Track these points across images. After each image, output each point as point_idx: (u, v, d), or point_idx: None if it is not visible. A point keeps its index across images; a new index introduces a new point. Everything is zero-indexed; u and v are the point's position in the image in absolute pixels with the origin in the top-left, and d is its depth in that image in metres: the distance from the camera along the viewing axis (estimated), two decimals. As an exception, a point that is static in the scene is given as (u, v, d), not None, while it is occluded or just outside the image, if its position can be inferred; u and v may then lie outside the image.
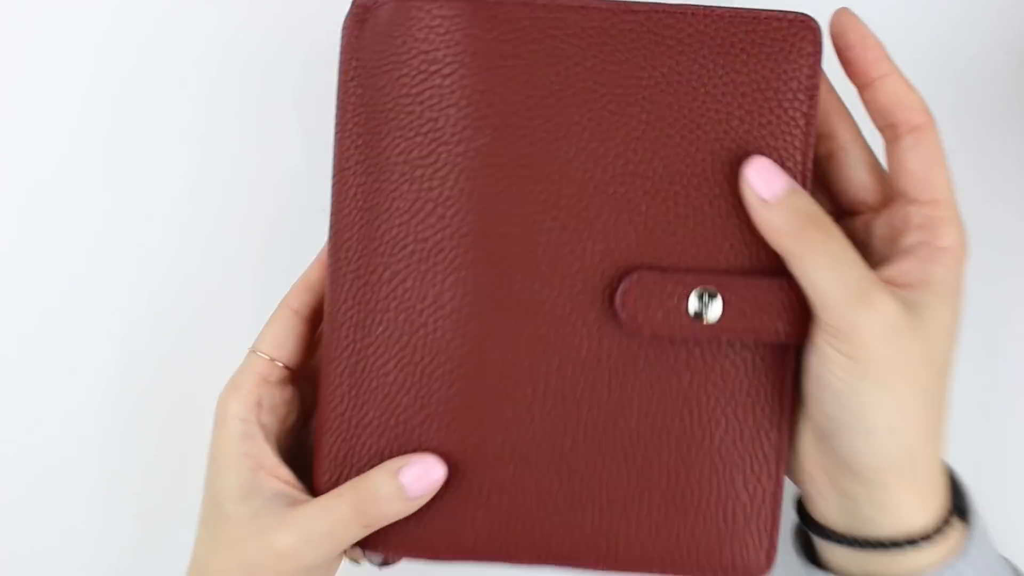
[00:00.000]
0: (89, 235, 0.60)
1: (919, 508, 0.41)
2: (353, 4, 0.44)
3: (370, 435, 0.44)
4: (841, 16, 0.42)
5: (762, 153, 0.43)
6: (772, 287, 0.42)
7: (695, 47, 0.43)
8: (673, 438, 0.44)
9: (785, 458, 0.44)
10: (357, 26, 0.44)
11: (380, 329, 0.44)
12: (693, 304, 0.42)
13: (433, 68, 0.43)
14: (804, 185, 0.43)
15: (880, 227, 0.44)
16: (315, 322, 0.47)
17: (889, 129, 0.43)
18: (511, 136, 0.43)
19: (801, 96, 0.43)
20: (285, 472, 0.45)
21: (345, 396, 0.44)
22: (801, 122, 0.43)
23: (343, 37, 0.44)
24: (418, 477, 0.43)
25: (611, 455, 0.44)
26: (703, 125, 0.43)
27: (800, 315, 0.42)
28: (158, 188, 0.60)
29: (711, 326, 0.42)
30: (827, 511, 0.43)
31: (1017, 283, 0.57)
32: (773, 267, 0.43)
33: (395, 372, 0.44)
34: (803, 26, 0.43)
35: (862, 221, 0.45)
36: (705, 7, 0.43)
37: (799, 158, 0.43)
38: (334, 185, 0.45)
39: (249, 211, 0.60)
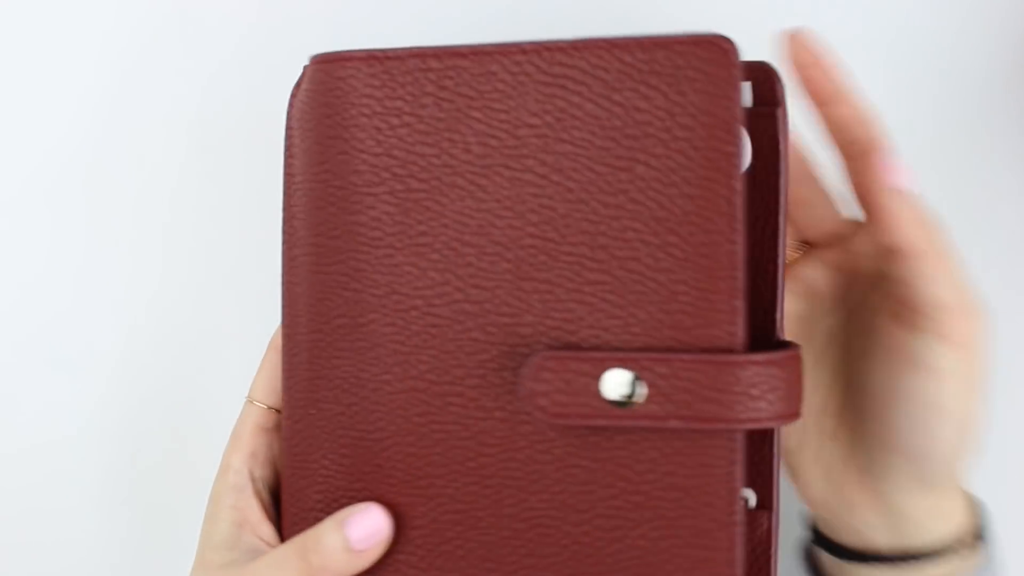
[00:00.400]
0: (89, 235, 0.60)
1: (966, 513, 0.43)
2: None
3: (315, 521, 0.42)
4: (796, 37, 0.39)
5: (672, 200, 0.36)
6: (697, 364, 0.36)
7: (587, 82, 0.36)
8: (603, 539, 0.38)
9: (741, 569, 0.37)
10: (293, 96, 0.43)
11: (313, 411, 0.42)
12: (607, 387, 0.37)
13: (333, 132, 0.40)
14: (738, 241, 0.36)
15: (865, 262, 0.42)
16: None
17: (849, 146, 0.40)
18: (407, 201, 0.39)
19: (719, 132, 0.35)
20: (266, 530, 0.45)
21: (294, 477, 0.43)
22: (722, 164, 0.35)
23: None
24: (364, 529, 0.41)
25: (536, 551, 0.39)
26: (604, 175, 0.37)
27: (743, 395, 0.35)
28: (158, 187, 0.60)
29: (628, 412, 0.36)
30: (872, 534, 0.43)
31: (1017, 283, 0.56)
32: (701, 343, 0.36)
33: (331, 455, 0.42)
34: (711, 48, 0.35)
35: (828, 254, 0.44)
36: (596, 39, 0.36)
37: (724, 208, 0.36)
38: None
39: (250, 210, 0.59)
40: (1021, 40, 0.56)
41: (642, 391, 0.36)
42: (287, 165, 0.42)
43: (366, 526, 0.41)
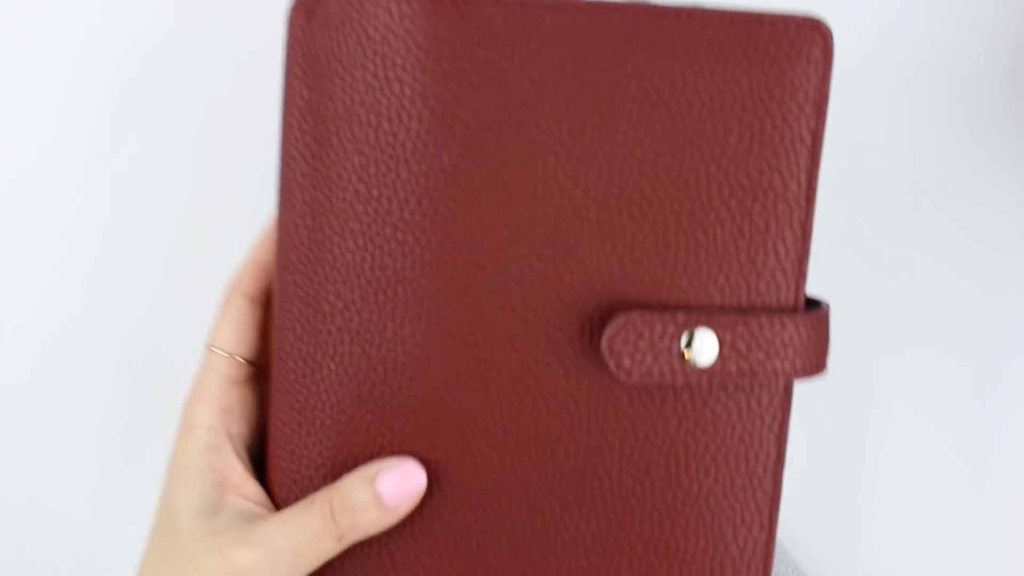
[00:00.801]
0: (89, 234, 0.58)
1: None
2: None
3: (324, 478, 0.40)
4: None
5: (760, 171, 0.38)
6: (775, 324, 0.38)
7: (690, 52, 0.38)
8: (657, 487, 0.40)
9: (779, 504, 0.41)
10: (304, 18, 0.38)
11: (332, 365, 0.39)
12: (686, 347, 0.38)
13: (391, 74, 0.37)
14: (810, 210, 0.39)
15: None
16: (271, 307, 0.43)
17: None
18: (480, 154, 0.38)
19: (808, 110, 0.38)
20: (252, 488, 0.41)
21: (293, 437, 0.40)
22: (807, 139, 0.38)
23: (288, 30, 0.38)
24: (398, 484, 0.39)
25: (589, 503, 0.40)
26: (697, 142, 0.38)
27: (804, 351, 0.38)
28: (159, 187, 0.58)
29: (705, 370, 0.38)
30: None
31: (1017, 283, 0.56)
32: (777, 301, 0.38)
33: (349, 412, 0.39)
34: (812, 30, 0.38)
35: None
36: (702, 8, 0.38)
37: (803, 180, 0.38)
38: (279, 198, 0.39)
39: (251, 210, 0.56)
40: (1021, 40, 0.57)
41: (720, 350, 0.38)
42: (294, 94, 0.39)
43: (399, 481, 0.39)
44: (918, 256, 0.57)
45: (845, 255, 0.56)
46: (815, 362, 0.39)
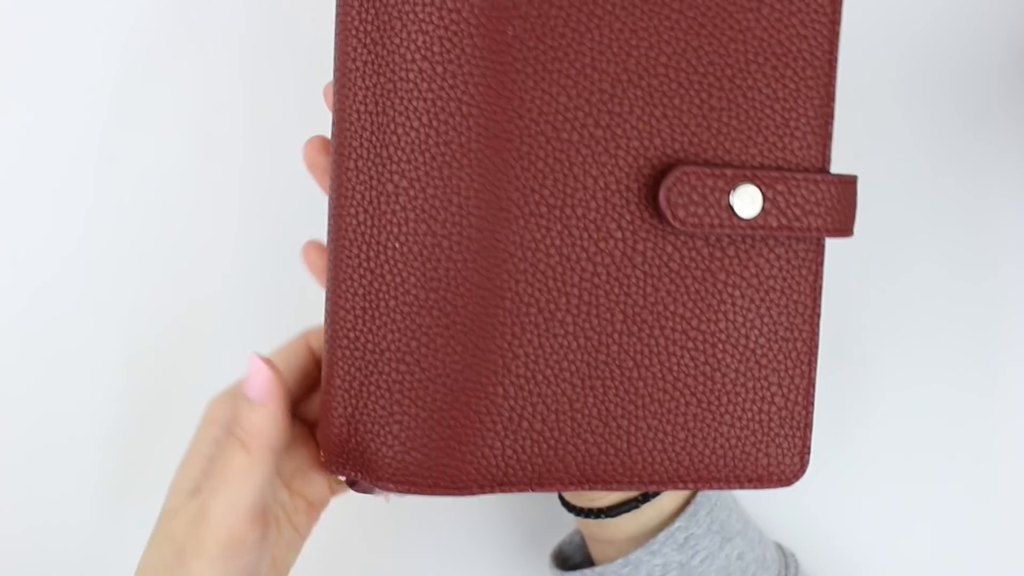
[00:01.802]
0: (90, 234, 0.58)
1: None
2: None
3: (389, 360, 0.41)
4: None
5: (790, 39, 0.42)
6: (809, 182, 0.42)
7: None
8: (709, 341, 0.43)
9: (816, 355, 0.44)
10: None
11: (397, 244, 0.40)
12: (734, 200, 0.41)
13: None
14: (833, 75, 0.43)
15: None
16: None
17: None
18: (540, 27, 0.40)
19: None
20: None
21: (359, 320, 0.41)
22: (827, 8, 0.42)
23: None
24: (253, 381, 0.41)
25: (646, 363, 0.43)
26: (734, 13, 0.42)
27: (834, 209, 0.42)
28: (159, 186, 0.58)
29: (750, 222, 0.42)
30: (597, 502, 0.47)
31: (1017, 283, 0.57)
32: (809, 162, 0.42)
33: (415, 290, 0.40)
34: None
35: None
36: None
37: (826, 47, 0.42)
38: (337, 91, 0.40)
39: (251, 210, 0.58)
40: (1021, 40, 0.57)
41: (763, 205, 0.42)
42: None
43: (251, 375, 0.42)
44: (917, 256, 0.58)
45: (844, 256, 0.55)
46: (844, 223, 0.43)
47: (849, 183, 0.43)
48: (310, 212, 0.50)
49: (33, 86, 0.57)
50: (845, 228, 0.43)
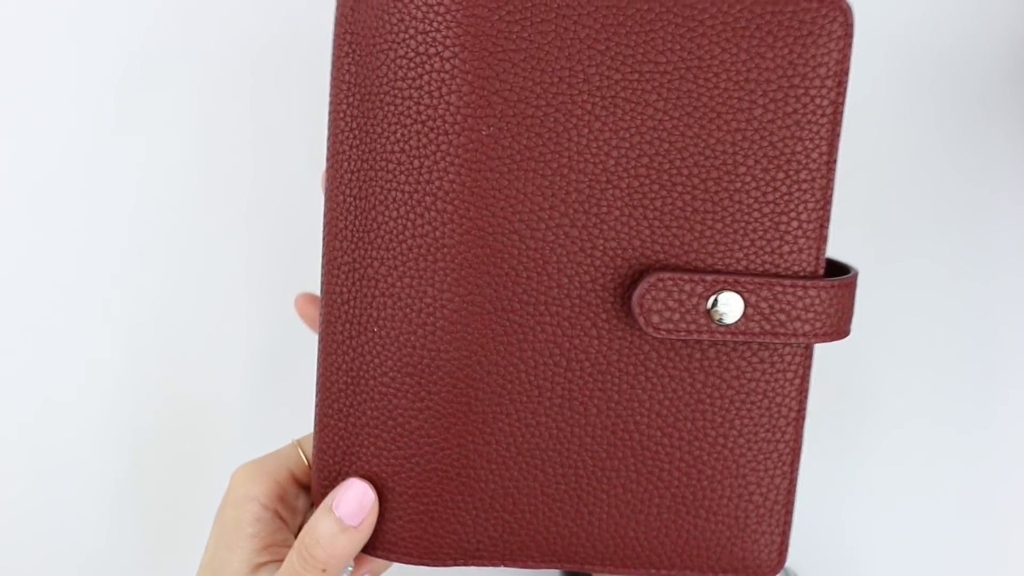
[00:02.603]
0: (91, 234, 0.58)
1: None
2: None
3: (368, 435, 0.42)
4: None
5: (784, 141, 0.40)
6: (798, 288, 0.40)
7: (718, 29, 0.39)
8: (685, 440, 0.42)
9: (800, 455, 0.43)
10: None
11: (376, 328, 0.41)
12: (713, 307, 0.40)
13: (432, 50, 0.39)
14: (830, 177, 0.41)
15: None
16: None
17: None
18: (517, 126, 0.40)
19: (829, 83, 0.40)
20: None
21: (340, 396, 0.42)
22: (828, 111, 0.40)
23: (337, 9, 0.40)
24: (354, 506, 0.42)
25: (621, 457, 0.42)
26: (724, 114, 0.40)
27: (825, 314, 0.40)
28: (159, 185, 0.59)
29: (730, 329, 0.40)
30: None
31: (1017, 282, 0.57)
32: (799, 266, 0.41)
33: (392, 374, 0.42)
34: (833, 7, 0.39)
35: None
36: None
37: (824, 149, 0.40)
38: (328, 170, 0.41)
39: (251, 209, 0.58)
40: (1021, 40, 0.58)
41: (744, 311, 0.40)
42: (342, 70, 0.41)
43: (354, 502, 0.42)
44: (918, 255, 0.57)
45: (843, 257, 0.55)
46: (837, 327, 0.41)
47: (844, 287, 0.41)
48: (310, 214, 0.50)
49: (33, 88, 0.58)
50: (838, 332, 0.41)
